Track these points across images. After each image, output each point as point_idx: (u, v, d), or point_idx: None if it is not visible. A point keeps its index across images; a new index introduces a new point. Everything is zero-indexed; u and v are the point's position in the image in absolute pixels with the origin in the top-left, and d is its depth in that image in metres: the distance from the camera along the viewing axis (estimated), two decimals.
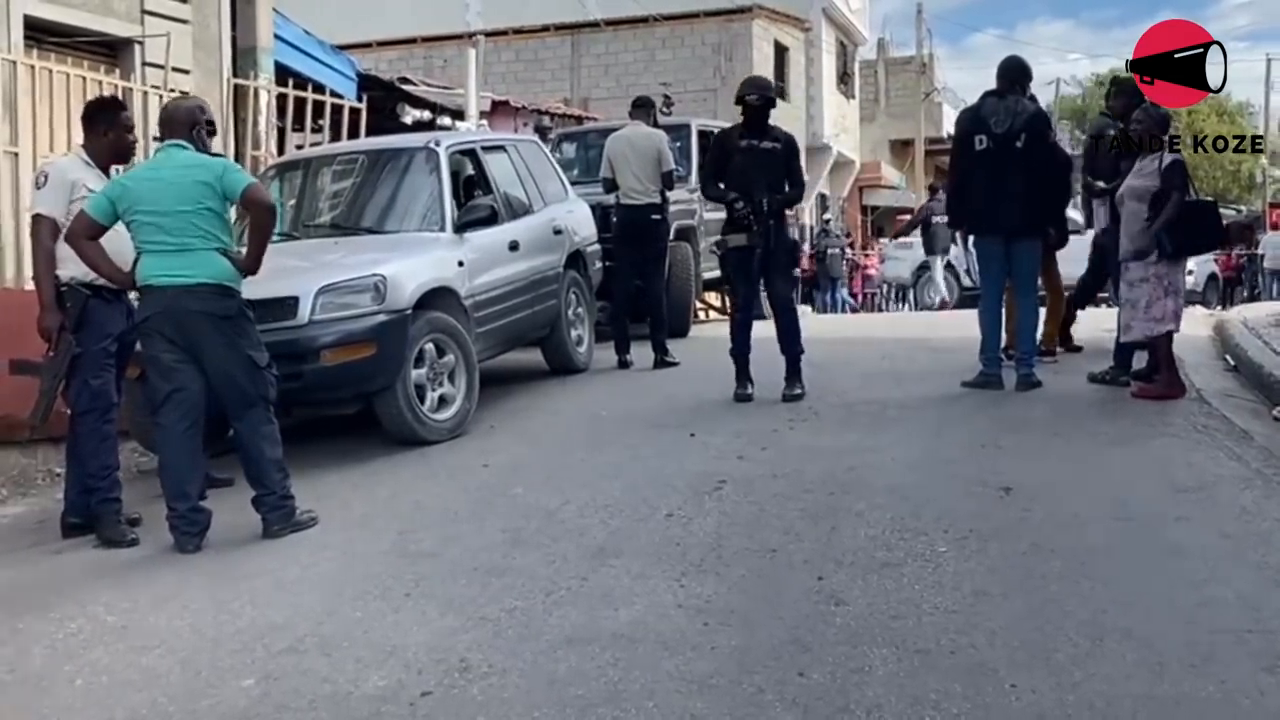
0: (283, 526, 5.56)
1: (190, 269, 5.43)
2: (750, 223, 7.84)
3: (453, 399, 7.44)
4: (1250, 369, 8.22)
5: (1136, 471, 5.92)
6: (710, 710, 3.49)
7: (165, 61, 9.95)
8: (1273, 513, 5.11)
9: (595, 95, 24.56)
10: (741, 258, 7.95)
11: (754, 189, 7.88)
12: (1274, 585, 4.29)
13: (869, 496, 5.60)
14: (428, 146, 8.42)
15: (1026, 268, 8.24)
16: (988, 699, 3.47)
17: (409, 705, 3.65)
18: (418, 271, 7.27)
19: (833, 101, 30.70)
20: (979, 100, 8.31)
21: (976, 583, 4.42)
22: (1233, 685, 3.47)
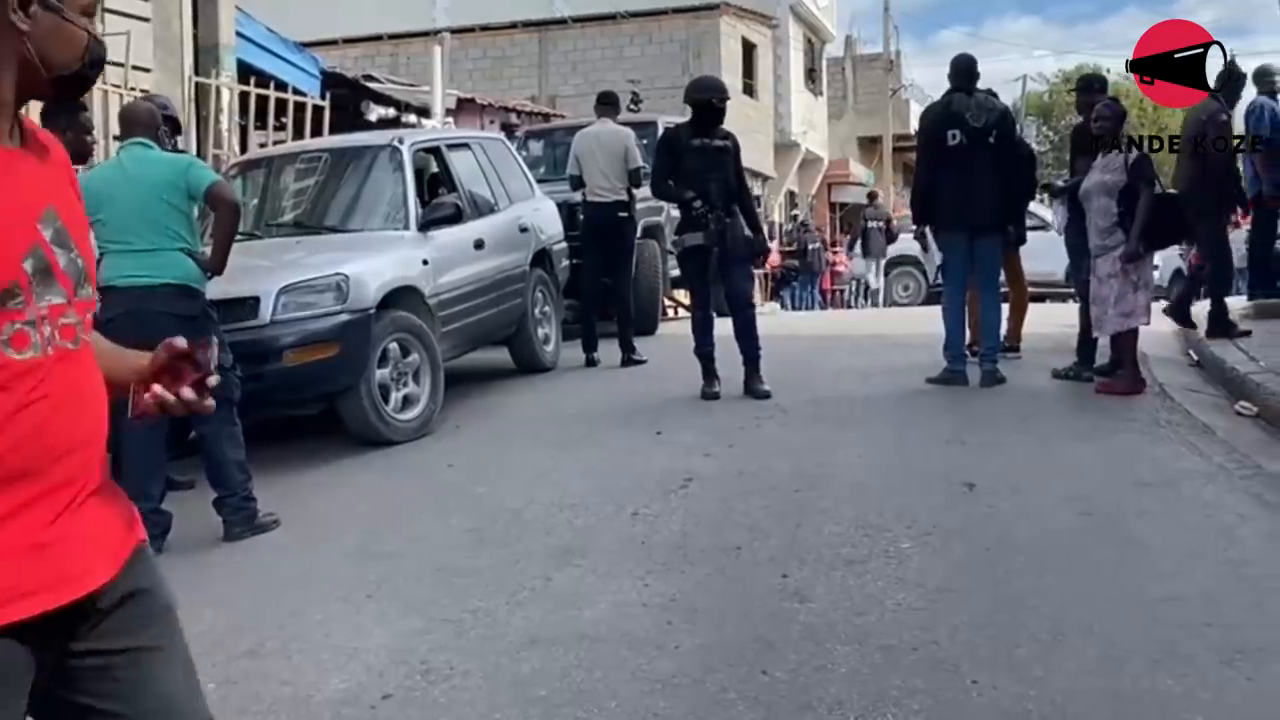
0: (244, 529, 5.52)
1: (154, 270, 5.38)
2: (708, 221, 7.84)
3: (417, 399, 7.40)
4: (1213, 364, 8.28)
5: (1099, 466, 5.95)
6: (673, 709, 3.48)
7: (125, 60, 9.85)
8: (1234, 507, 5.15)
9: (563, 93, 24.50)
10: (699, 257, 7.95)
11: (710, 188, 7.88)
12: (1235, 579, 4.32)
13: (834, 493, 5.60)
14: (391, 144, 8.38)
15: (990, 264, 8.29)
16: (949, 695, 3.47)
17: (370, 708, 3.63)
18: (381, 270, 7.23)
19: (800, 99, 30.73)
20: (946, 97, 8.33)
21: (939, 579, 4.43)
22: (1193, 679, 3.49)
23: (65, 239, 1.76)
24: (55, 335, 1.73)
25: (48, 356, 1.72)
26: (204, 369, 1.85)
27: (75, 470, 1.76)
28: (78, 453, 1.76)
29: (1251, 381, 7.21)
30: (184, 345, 1.86)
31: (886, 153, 35.34)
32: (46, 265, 1.71)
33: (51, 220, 1.74)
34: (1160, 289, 14.43)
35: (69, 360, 1.76)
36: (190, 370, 1.85)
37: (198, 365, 1.85)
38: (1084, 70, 13.76)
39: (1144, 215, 7.31)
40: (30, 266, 1.69)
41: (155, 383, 1.86)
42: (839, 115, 36.38)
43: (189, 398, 1.84)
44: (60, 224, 1.75)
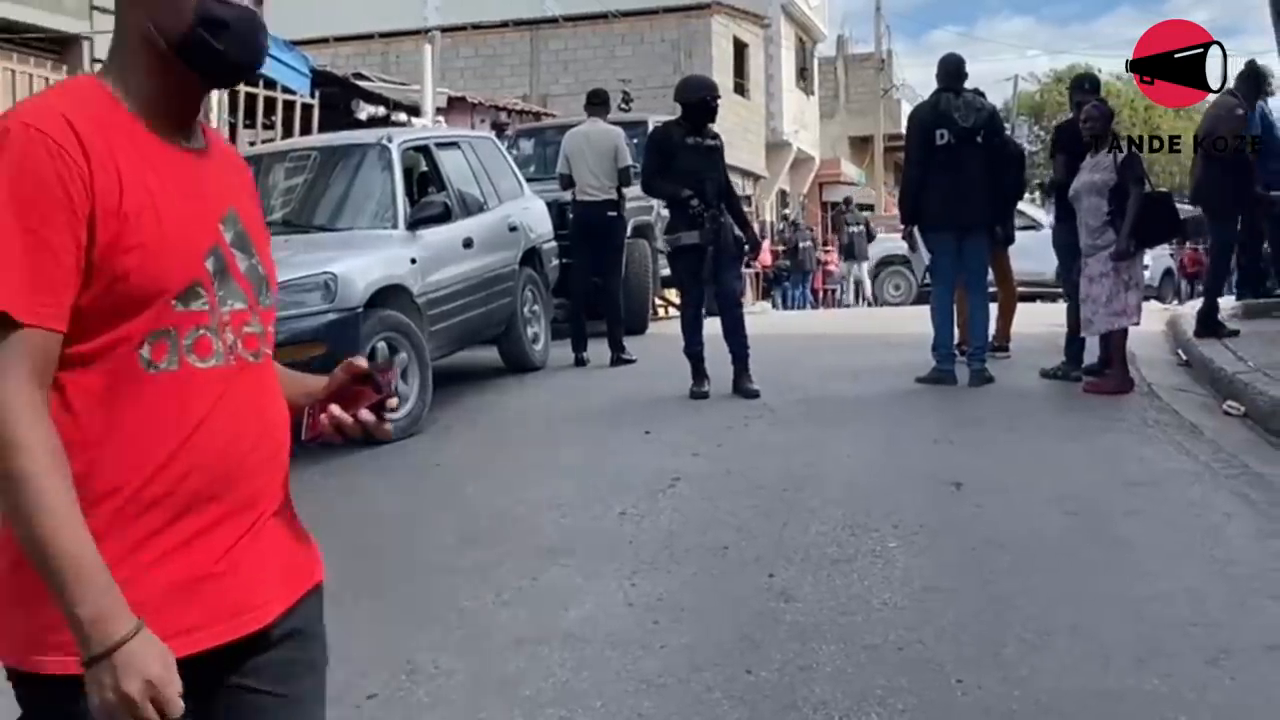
0: None
1: None
2: (704, 220, 7.84)
3: (406, 398, 7.38)
4: (1201, 364, 8.29)
5: (1087, 466, 5.96)
6: (658, 709, 3.47)
7: None
8: (1221, 506, 5.15)
9: (554, 92, 24.47)
10: (694, 255, 7.94)
11: (706, 187, 7.88)
12: (1220, 579, 4.33)
13: (821, 493, 5.60)
14: (380, 143, 8.36)
15: (978, 264, 8.30)
16: (934, 695, 3.47)
17: (354, 707, 3.61)
18: (369, 269, 7.21)
19: (792, 98, 30.74)
20: (934, 96, 8.35)
21: (926, 578, 4.43)
22: (1178, 679, 3.49)
23: (246, 243, 1.69)
24: (238, 344, 1.65)
25: (230, 367, 1.63)
26: (384, 391, 1.75)
27: (256, 494, 1.66)
28: (260, 475, 1.66)
29: (1239, 381, 7.22)
30: (364, 366, 1.76)
31: (878, 152, 35.38)
32: (226, 267, 1.64)
33: (233, 223, 1.67)
34: (1150, 288, 14.46)
35: (251, 374, 1.67)
36: (369, 392, 1.75)
37: (377, 387, 1.74)
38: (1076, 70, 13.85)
39: (1134, 214, 7.32)
40: (211, 266, 1.61)
41: (332, 404, 1.76)
42: (831, 115, 36.40)
43: (367, 419, 1.73)
44: (241, 228, 1.69)
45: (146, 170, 1.56)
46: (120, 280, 1.52)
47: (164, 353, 1.56)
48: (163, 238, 1.55)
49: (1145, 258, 8.24)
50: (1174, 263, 24.03)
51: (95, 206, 1.49)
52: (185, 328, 1.58)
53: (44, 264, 1.47)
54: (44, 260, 1.47)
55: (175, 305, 1.57)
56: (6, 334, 1.47)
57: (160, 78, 1.61)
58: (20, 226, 1.46)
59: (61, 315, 1.50)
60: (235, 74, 1.70)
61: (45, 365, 1.50)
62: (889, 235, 20.88)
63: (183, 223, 1.58)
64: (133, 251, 1.52)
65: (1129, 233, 7.33)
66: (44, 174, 1.47)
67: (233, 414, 1.62)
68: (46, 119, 1.50)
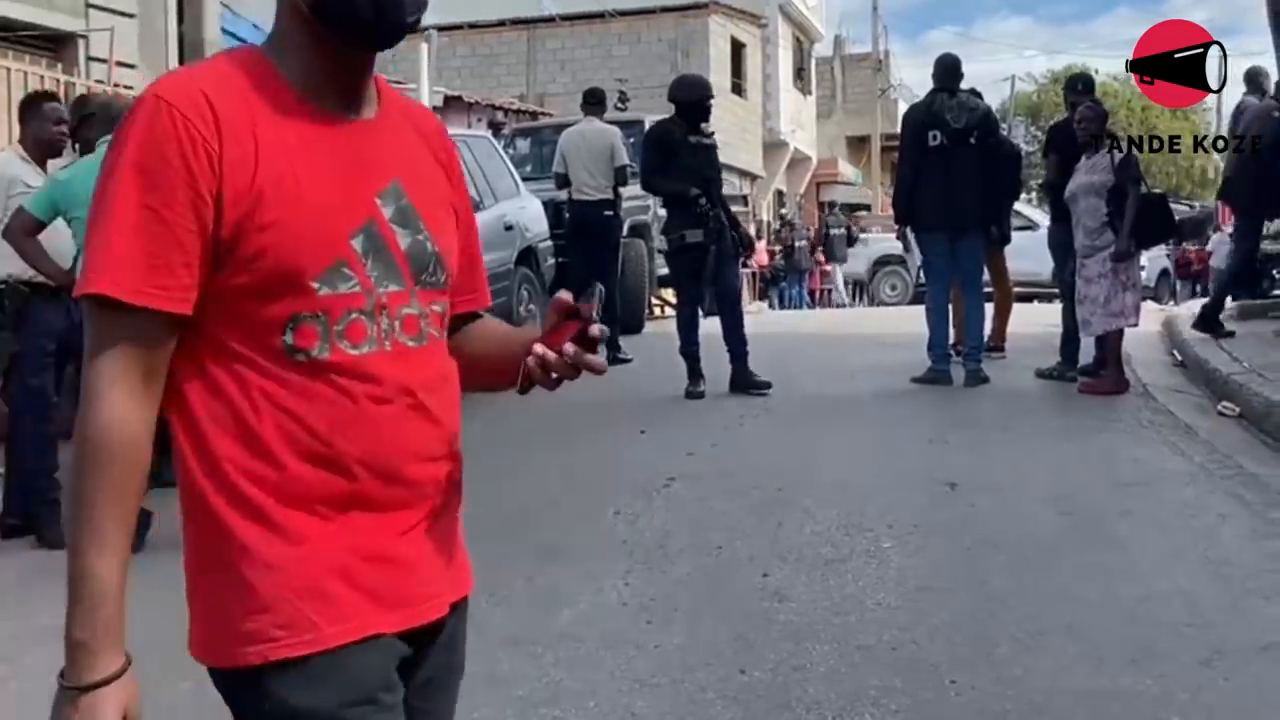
0: None
1: None
2: (709, 218, 7.85)
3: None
4: (1196, 364, 8.30)
5: (1081, 466, 5.96)
6: (651, 709, 3.47)
7: (110, 56, 9.82)
8: (1215, 507, 5.16)
9: (551, 91, 24.48)
10: (698, 254, 7.94)
11: (711, 184, 7.90)
12: (1214, 579, 4.33)
13: (816, 493, 5.60)
14: None
15: (973, 264, 8.31)
16: (927, 695, 3.47)
17: None
18: None
19: (789, 98, 30.76)
20: (929, 97, 8.36)
21: (920, 579, 4.43)
22: (1171, 679, 3.50)
23: (410, 218, 1.55)
24: (396, 328, 1.52)
25: (386, 352, 1.50)
26: (585, 319, 1.55)
27: (420, 487, 1.55)
28: (422, 467, 1.55)
29: (1234, 382, 7.23)
30: (568, 299, 1.57)
31: (875, 152, 35.41)
32: (382, 244, 1.50)
33: (395, 196, 1.53)
34: (1147, 289, 14.48)
35: (412, 359, 1.53)
36: (573, 325, 1.56)
37: (579, 317, 1.56)
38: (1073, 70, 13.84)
39: (1133, 214, 7.33)
40: (360, 244, 1.48)
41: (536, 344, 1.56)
42: (827, 114, 36.43)
43: (571, 351, 1.53)
44: (406, 201, 1.55)
45: (292, 144, 1.46)
46: (255, 260, 1.42)
47: (313, 339, 1.46)
48: (301, 215, 1.44)
49: (1142, 259, 8.25)
50: (1170, 264, 24.06)
51: (224, 184, 1.41)
52: (337, 311, 1.46)
53: (161, 243, 1.40)
54: (161, 239, 1.40)
55: (319, 288, 1.45)
56: (111, 317, 1.40)
57: (308, 43, 1.51)
58: (139, 203, 1.39)
59: (176, 297, 1.41)
60: (377, 33, 1.50)
61: (153, 350, 1.43)
62: (885, 235, 20.95)
63: (327, 198, 1.47)
64: (267, 230, 1.42)
65: (1128, 233, 7.34)
66: (168, 150, 1.40)
67: (391, 402, 1.50)
68: (180, 92, 1.43)
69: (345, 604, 1.47)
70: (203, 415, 1.46)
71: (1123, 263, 7.42)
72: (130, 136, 1.42)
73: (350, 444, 1.47)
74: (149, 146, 1.41)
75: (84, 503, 1.40)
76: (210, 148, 1.41)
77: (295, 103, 1.49)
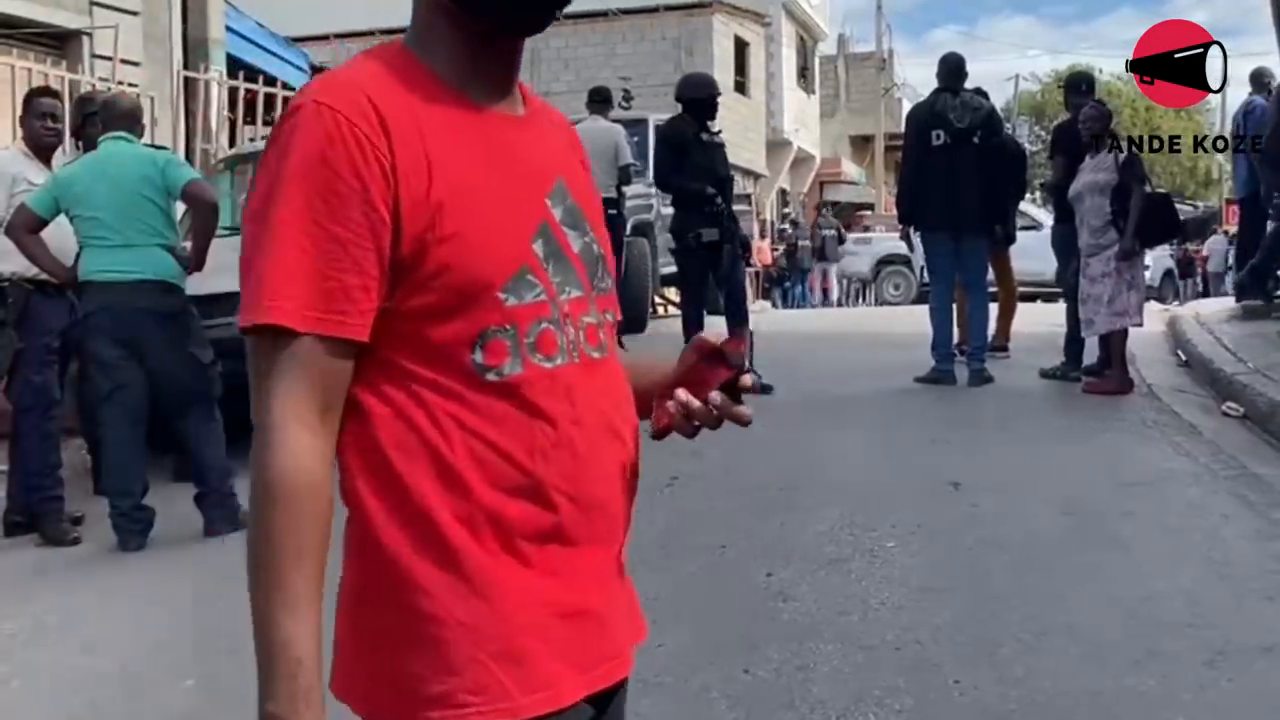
0: (225, 525, 5.49)
1: (133, 265, 5.36)
2: (724, 216, 7.87)
3: None
4: (1201, 364, 8.29)
5: (1085, 466, 5.95)
6: (655, 709, 3.46)
7: (114, 54, 9.82)
8: (1218, 507, 5.15)
9: (555, 89, 24.46)
10: (712, 251, 7.94)
11: (725, 183, 7.92)
12: (1217, 579, 4.32)
13: (819, 492, 5.59)
14: None
15: (977, 264, 8.30)
16: (931, 695, 3.46)
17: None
18: None
19: (793, 97, 30.75)
20: (932, 96, 8.35)
21: (923, 578, 4.42)
22: (1174, 680, 3.49)
23: (578, 218, 1.43)
24: (580, 338, 1.39)
25: (576, 365, 1.37)
26: (736, 366, 1.44)
27: (615, 518, 1.42)
28: (617, 495, 1.42)
29: (1239, 382, 7.22)
30: (712, 342, 1.47)
31: (878, 151, 35.38)
32: (558, 248, 1.39)
33: (562, 196, 1.42)
34: (1150, 289, 14.46)
35: (598, 372, 1.41)
36: (720, 370, 1.45)
37: (728, 363, 1.45)
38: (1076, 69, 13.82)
39: (1137, 213, 7.33)
40: (540, 248, 1.36)
41: (679, 388, 1.45)
42: (831, 114, 36.41)
43: (719, 402, 1.42)
44: (572, 201, 1.43)
45: (460, 145, 1.34)
46: (437, 276, 1.29)
47: (503, 354, 1.32)
48: (483, 222, 1.31)
49: (1146, 258, 8.25)
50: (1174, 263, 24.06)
51: (400, 195, 1.27)
52: (525, 323, 1.33)
53: (335, 265, 1.26)
54: (335, 260, 1.26)
55: (505, 299, 1.32)
56: (283, 346, 1.26)
57: (456, 35, 1.38)
58: (308, 221, 1.26)
59: (352, 323, 1.27)
60: (525, 17, 1.39)
61: (331, 381, 1.28)
62: (888, 235, 20.95)
63: (505, 202, 1.35)
64: (448, 241, 1.29)
65: (1132, 232, 7.33)
66: (336, 160, 1.26)
67: (584, 422, 1.37)
68: (341, 95, 1.29)
69: (540, 668, 1.33)
70: (387, 444, 1.31)
71: (1127, 262, 7.42)
72: (292, 147, 1.28)
73: (549, 469, 1.33)
74: (314, 157, 1.26)
75: (268, 558, 1.25)
76: (381, 155, 1.27)
77: (454, 100, 1.36)
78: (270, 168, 1.29)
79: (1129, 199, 7.36)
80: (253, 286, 1.27)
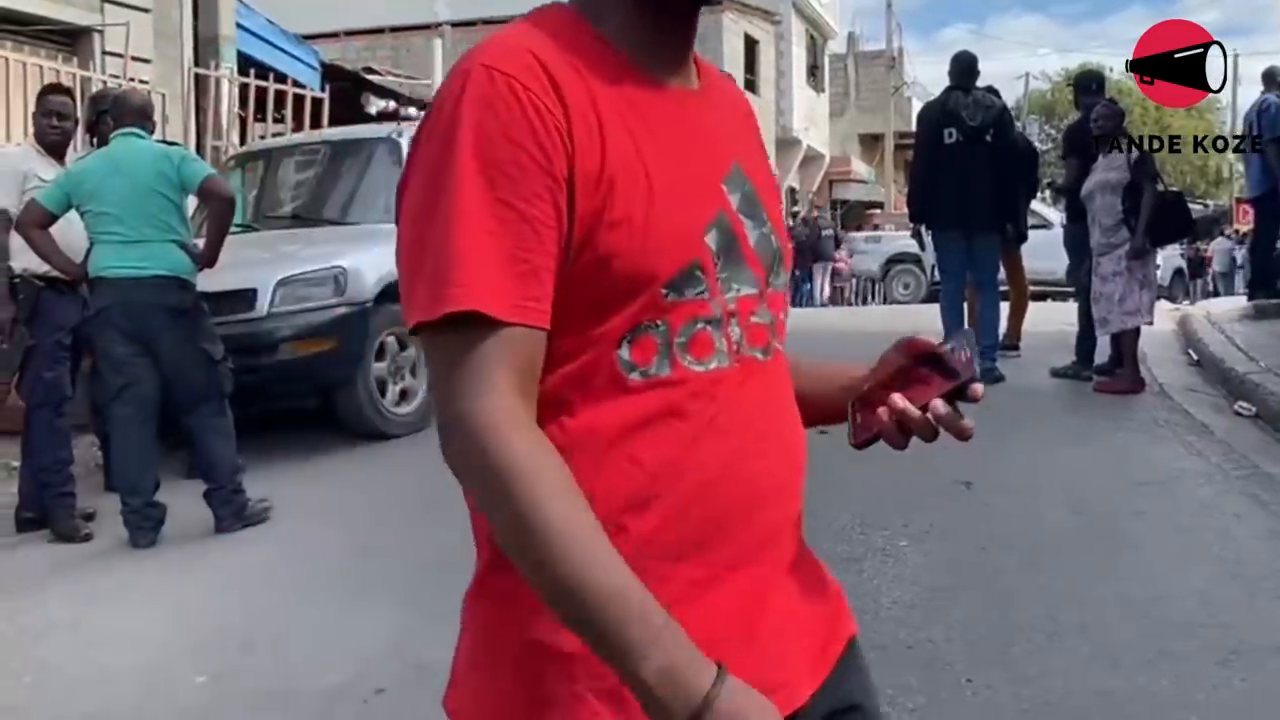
0: (234, 521, 5.50)
1: (145, 261, 5.36)
2: None
3: (414, 393, 7.39)
4: (1212, 363, 8.27)
5: (1096, 465, 5.94)
6: None
7: (125, 51, 9.84)
8: (1230, 507, 5.13)
9: None
10: None
11: None
12: (1229, 579, 4.31)
13: (830, 491, 5.57)
14: (390, 137, 8.36)
15: (988, 262, 8.28)
16: (944, 694, 3.46)
17: (362, 703, 3.62)
18: (379, 263, 7.19)
19: (802, 95, 30.74)
20: (944, 95, 8.33)
21: (935, 577, 4.41)
22: (1187, 679, 3.48)
23: (755, 207, 1.28)
24: (743, 339, 1.24)
25: (732, 369, 1.23)
26: (961, 375, 1.28)
27: (771, 532, 1.26)
28: (774, 508, 1.27)
29: (1250, 381, 7.20)
30: (929, 345, 1.34)
31: (888, 150, 35.34)
32: (734, 241, 1.24)
33: (739, 182, 1.27)
34: (1161, 288, 14.43)
35: (757, 376, 1.26)
36: (938, 378, 1.30)
37: (949, 371, 1.29)
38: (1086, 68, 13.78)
39: (1149, 212, 7.32)
40: (714, 241, 1.21)
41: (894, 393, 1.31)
42: (841, 112, 36.37)
43: (943, 412, 1.28)
44: (750, 188, 1.28)
45: (633, 120, 1.19)
46: (603, 264, 1.15)
47: (651, 353, 1.18)
48: (654, 208, 1.17)
49: (1157, 257, 8.23)
50: (1184, 262, 24.02)
51: (575, 169, 1.13)
52: (679, 321, 1.19)
53: (522, 244, 1.11)
54: (522, 239, 1.11)
55: (667, 294, 1.18)
56: (483, 337, 1.10)
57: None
58: (490, 198, 1.11)
59: (545, 309, 1.13)
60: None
61: (530, 373, 1.13)
62: (898, 234, 20.94)
63: (679, 187, 1.19)
64: (619, 227, 1.15)
65: (1144, 230, 7.32)
66: (514, 129, 1.12)
67: (737, 429, 1.22)
68: (512, 59, 1.15)
69: None
70: None
71: (1138, 260, 7.40)
72: (462, 117, 1.13)
73: (687, 482, 1.19)
74: (490, 126, 1.12)
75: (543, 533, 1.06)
76: (558, 122, 1.14)
77: (626, 69, 1.21)
78: (434, 147, 1.15)
79: (1140, 197, 7.35)
80: (432, 277, 1.11)
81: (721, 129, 1.30)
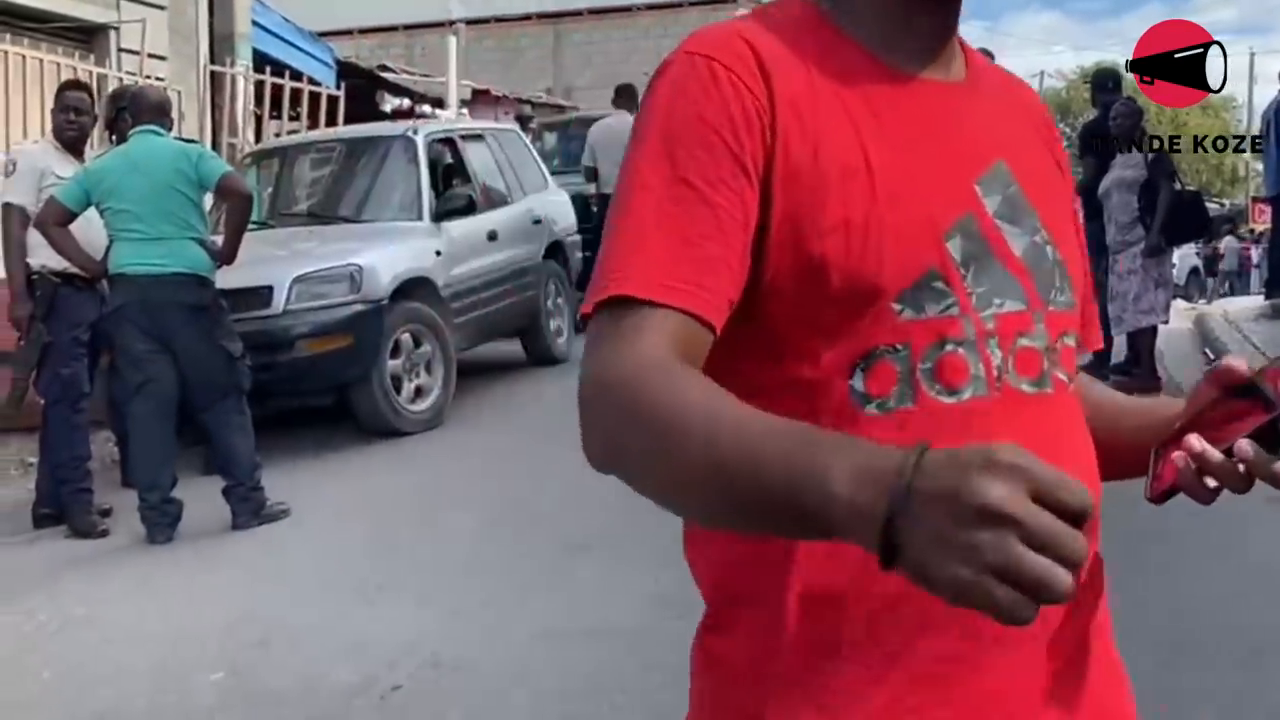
0: (252, 518, 5.51)
1: (164, 258, 5.37)
2: None
3: (429, 390, 7.39)
4: None
5: None
6: (679, 702, 3.43)
7: (141, 48, 9.86)
8: (1250, 508, 5.09)
9: (578, 85, 24.48)
10: None
11: None
12: (1250, 580, 4.29)
13: None
14: (405, 135, 8.36)
15: None
16: None
17: (379, 699, 3.62)
18: (395, 261, 7.22)
19: None
20: None
21: None
22: (1209, 680, 3.47)
23: (1022, 212, 1.11)
24: (1009, 365, 1.06)
25: (994, 400, 1.04)
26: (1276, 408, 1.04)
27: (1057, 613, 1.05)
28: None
29: None
30: (1244, 373, 1.10)
31: None
32: (986, 247, 1.07)
33: (1000, 183, 1.10)
34: (1177, 287, 14.38)
35: (1031, 412, 1.06)
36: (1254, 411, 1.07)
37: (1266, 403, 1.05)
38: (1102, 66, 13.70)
39: (1165, 210, 7.30)
40: (957, 247, 1.05)
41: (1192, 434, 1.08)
42: None
43: (1250, 455, 1.03)
44: (1016, 190, 1.11)
45: (863, 114, 1.07)
46: (817, 275, 1.02)
47: (889, 383, 1.03)
48: (877, 209, 1.03)
49: (1173, 256, 8.20)
50: (1200, 261, 23.93)
51: (775, 160, 1.03)
52: (921, 343, 1.03)
53: (697, 227, 1.00)
54: (696, 222, 1.00)
55: (900, 311, 1.03)
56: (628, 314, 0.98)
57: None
58: (672, 176, 1.02)
59: (712, 303, 0.99)
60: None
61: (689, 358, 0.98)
62: None
63: (913, 186, 1.05)
64: (832, 233, 1.02)
65: (1159, 228, 7.29)
66: (709, 110, 1.03)
67: None
68: (719, 44, 1.07)
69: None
70: None
71: (1154, 258, 7.37)
72: (658, 103, 1.06)
73: None
74: (683, 107, 1.04)
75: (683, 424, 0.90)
76: (759, 105, 1.03)
77: (864, 61, 1.10)
78: (638, 127, 1.08)
79: (1157, 195, 7.33)
80: (598, 269, 1.03)
81: (984, 125, 1.14)
